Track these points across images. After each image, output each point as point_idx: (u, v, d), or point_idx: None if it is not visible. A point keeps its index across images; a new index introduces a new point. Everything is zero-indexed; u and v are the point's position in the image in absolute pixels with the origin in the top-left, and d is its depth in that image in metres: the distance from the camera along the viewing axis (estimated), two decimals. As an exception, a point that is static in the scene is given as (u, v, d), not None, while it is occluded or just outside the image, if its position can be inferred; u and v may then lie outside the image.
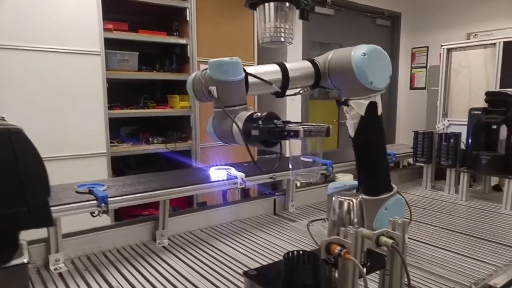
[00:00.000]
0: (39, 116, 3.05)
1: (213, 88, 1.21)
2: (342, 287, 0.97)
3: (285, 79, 1.37)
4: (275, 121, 1.11)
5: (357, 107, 1.41)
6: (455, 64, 3.14)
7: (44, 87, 3.08)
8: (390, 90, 6.57)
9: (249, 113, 1.18)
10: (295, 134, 1.00)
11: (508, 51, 2.84)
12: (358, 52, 1.36)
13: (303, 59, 1.48)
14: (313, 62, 1.47)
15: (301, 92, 1.48)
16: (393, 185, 1.58)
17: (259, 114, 1.14)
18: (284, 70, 1.37)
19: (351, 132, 1.49)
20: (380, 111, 1.44)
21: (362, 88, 1.38)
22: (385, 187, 1.55)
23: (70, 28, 3.13)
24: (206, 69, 1.27)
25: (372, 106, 1.41)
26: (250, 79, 1.28)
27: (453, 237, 1.82)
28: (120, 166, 3.91)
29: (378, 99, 1.43)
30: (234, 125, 1.18)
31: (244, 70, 1.27)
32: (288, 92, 1.42)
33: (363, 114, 1.41)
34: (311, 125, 1.09)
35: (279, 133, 1.03)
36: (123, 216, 3.22)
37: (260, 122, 1.10)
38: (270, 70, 1.37)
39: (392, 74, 1.42)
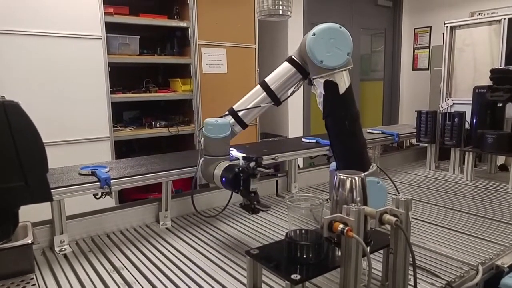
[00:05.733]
0: (42, 102, 3.04)
1: (201, 140, 1.58)
2: (345, 266, 0.96)
3: (270, 93, 1.54)
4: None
5: (318, 85, 1.44)
6: (459, 42, 3.09)
7: (46, 73, 3.06)
8: (392, 70, 6.52)
9: (228, 163, 1.51)
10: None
11: (513, 28, 2.79)
12: (310, 33, 1.39)
13: (286, 59, 1.55)
14: (291, 60, 1.52)
15: (295, 89, 1.57)
16: (373, 167, 1.49)
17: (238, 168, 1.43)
18: (265, 87, 1.54)
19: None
20: (342, 90, 1.41)
21: (315, 67, 1.40)
22: (357, 169, 1.44)
23: (71, 13, 3.10)
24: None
25: (329, 84, 1.41)
26: (241, 113, 1.56)
27: (459, 216, 1.81)
28: (124, 150, 3.92)
29: (338, 78, 1.40)
30: (215, 171, 1.52)
31: (233, 110, 1.57)
32: (285, 95, 1.58)
33: (323, 92, 1.42)
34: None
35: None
36: (127, 200, 3.23)
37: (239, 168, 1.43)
38: (255, 94, 1.57)
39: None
